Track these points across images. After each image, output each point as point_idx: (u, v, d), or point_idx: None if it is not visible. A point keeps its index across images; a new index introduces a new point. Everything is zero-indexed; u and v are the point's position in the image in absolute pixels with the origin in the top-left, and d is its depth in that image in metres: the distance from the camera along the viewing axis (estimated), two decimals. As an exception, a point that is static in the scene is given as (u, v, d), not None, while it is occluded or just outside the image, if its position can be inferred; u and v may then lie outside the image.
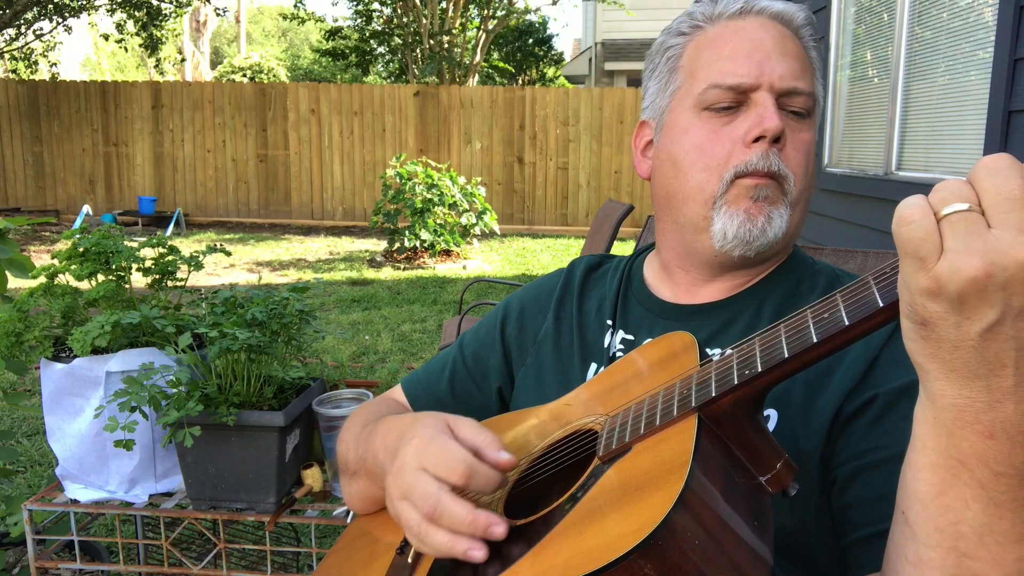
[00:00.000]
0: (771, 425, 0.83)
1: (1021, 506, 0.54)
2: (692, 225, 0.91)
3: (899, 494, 0.61)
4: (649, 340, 0.84)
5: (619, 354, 0.97)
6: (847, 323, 0.56)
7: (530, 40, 21.52)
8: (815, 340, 0.57)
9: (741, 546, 0.57)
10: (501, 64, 19.77)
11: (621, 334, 0.99)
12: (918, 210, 0.49)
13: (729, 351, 0.66)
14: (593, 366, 0.98)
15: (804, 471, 0.79)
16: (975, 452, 0.53)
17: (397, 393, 1.15)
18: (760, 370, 0.60)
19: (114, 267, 1.53)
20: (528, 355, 1.06)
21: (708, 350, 0.78)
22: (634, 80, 15.19)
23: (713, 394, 0.63)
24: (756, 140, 0.85)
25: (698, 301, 0.96)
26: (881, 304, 0.55)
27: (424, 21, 14.63)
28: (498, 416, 1.01)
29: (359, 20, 16.84)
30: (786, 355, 0.59)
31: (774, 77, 0.86)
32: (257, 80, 19.73)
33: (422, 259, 8.42)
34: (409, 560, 0.81)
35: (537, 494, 0.77)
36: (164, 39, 13.55)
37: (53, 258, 1.54)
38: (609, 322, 1.01)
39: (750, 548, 0.58)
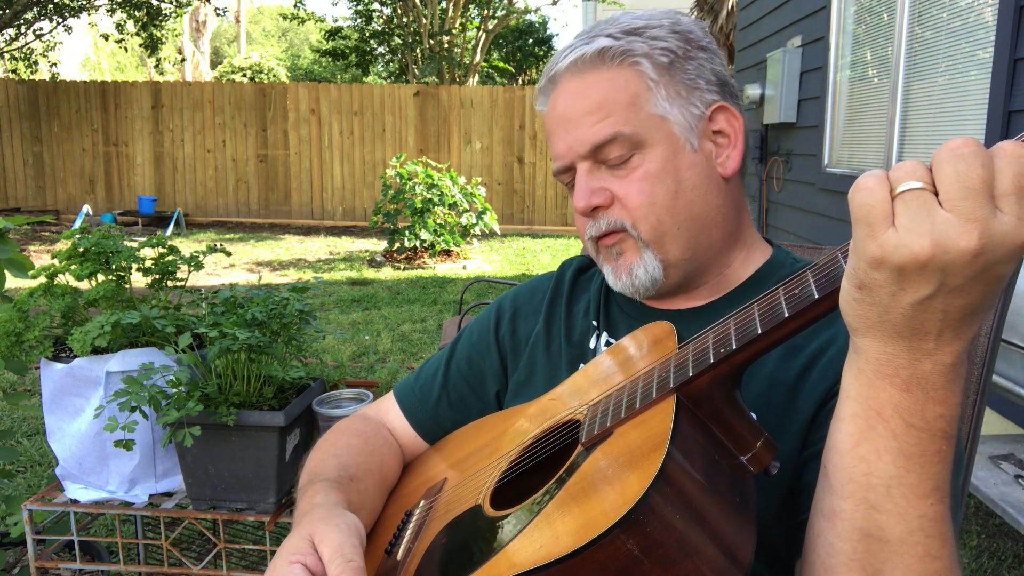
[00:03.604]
0: None
1: (929, 462, 0.57)
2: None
3: (824, 451, 0.63)
4: (630, 333, 0.85)
5: None
6: (816, 296, 0.58)
7: (530, 40, 21.52)
8: (787, 315, 0.59)
9: (723, 522, 0.59)
10: (501, 64, 19.77)
11: (605, 336, 1.00)
12: (874, 179, 0.52)
13: (705, 332, 0.68)
14: (582, 367, 0.98)
15: (780, 471, 0.80)
16: (892, 403, 0.57)
17: (389, 402, 1.13)
18: (735, 347, 0.62)
19: (114, 267, 1.53)
20: (521, 358, 1.06)
21: None
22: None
23: (691, 374, 0.64)
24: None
25: (677, 307, 0.96)
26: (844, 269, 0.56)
27: (424, 21, 14.63)
28: (485, 417, 1.01)
29: (359, 20, 16.83)
30: (759, 331, 0.61)
31: (576, 146, 0.89)
32: (257, 80, 19.72)
33: (422, 259, 8.42)
34: (399, 558, 0.81)
35: (524, 484, 0.78)
36: (164, 39, 13.54)
37: (53, 258, 1.54)
38: (595, 323, 1.02)
39: (733, 524, 0.59)
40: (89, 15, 13.17)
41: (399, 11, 15.38)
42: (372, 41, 17.29)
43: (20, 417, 3.67)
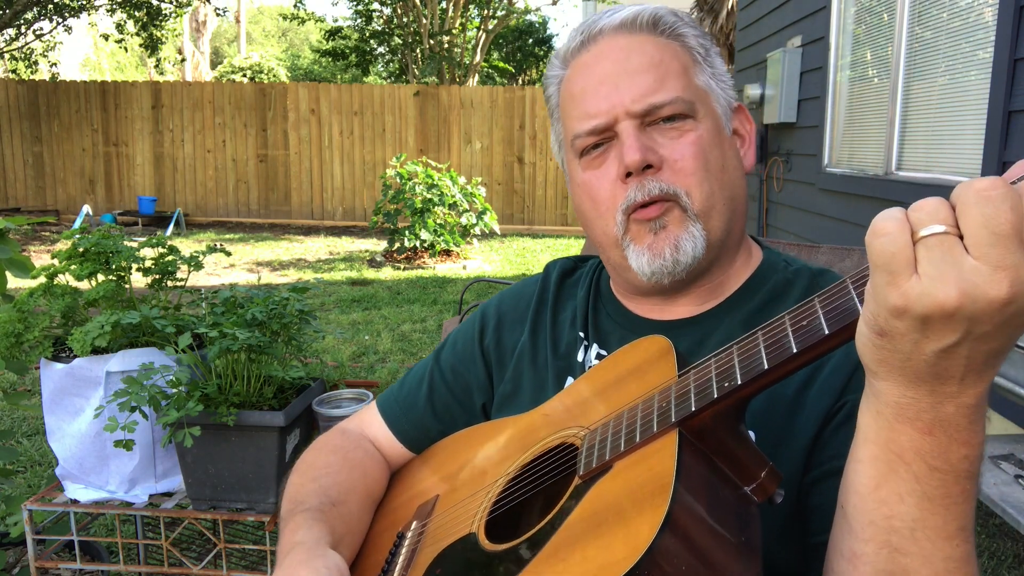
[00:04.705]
0: None
1: (953, 503, 0.55)
2: (618, 266, 0.90)
3: (840, 489, 0.61)
4: (625, 345, 0.81)
5: None
6: (827, 332, 0.55)
7: (530, 40, 21.52)
8: (795, 351, 0.56)
9: (730, 561, 0.57)
10: (501, 64, 19.77)
11: (596, 348, 0.95)
12: (893, 223, 0.49)
13: (707, 360, 0.65)
14: (569, 380, 0.95)
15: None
16: (913, 446, 0.54)
17: (371, 414, 1.09)
18: (740, 383, 0.59)
19: (114, 267, 1.53)
20: (507, 370, 1.02)
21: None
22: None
23: (693, 408, 0.62)
24: (628, 175, 0.84)
25: (669, 317, 0.92)
26: (861, 311, 0.53)
27: (424, 21, 14.63)
28: (475, 426, 0.98)
29: (359, 20, 16.84)
30: (766, 367, 0.58)
31: (626, 104, 0.83)
32: (257, 80, 19.72)
33: (422, 259, 8.42)
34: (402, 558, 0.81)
35: (519, 512, 0.76)
36: (164, 39, 13.54)
37: (53, 258, 1.54)
38: (581, 334, 0.98)
39: (739, 562, 0.58)
40: (89, 15, 13.16)
41: (399, 11, 15.38)
42: (372, 41, 17.29)
43: (20, 417, 3.67)
